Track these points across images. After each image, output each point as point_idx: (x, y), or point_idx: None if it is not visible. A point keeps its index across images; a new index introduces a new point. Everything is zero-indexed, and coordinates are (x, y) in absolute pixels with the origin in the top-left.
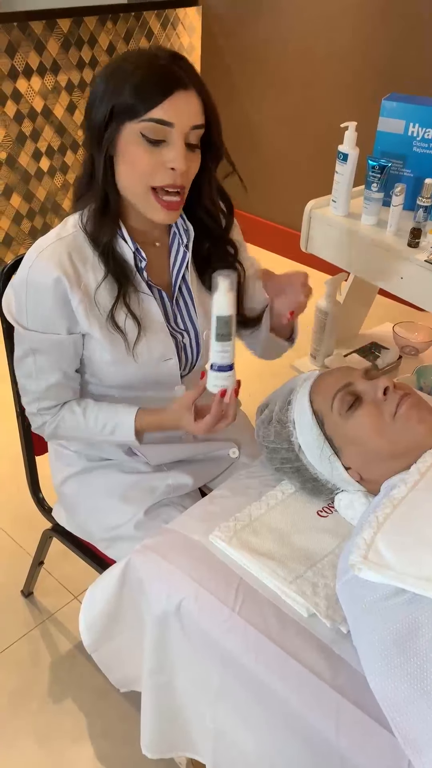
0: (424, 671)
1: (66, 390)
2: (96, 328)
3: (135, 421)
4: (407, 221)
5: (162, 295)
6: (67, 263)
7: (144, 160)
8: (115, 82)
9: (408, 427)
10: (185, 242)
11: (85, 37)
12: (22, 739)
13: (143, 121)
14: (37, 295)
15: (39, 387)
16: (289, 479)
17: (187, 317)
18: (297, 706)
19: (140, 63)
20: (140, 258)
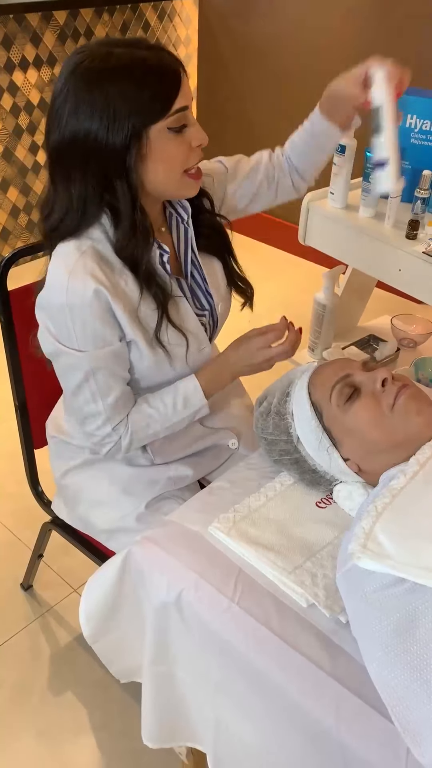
0: (424, 660)
1: (129, 399)
2: (140, 335)
3: (201, 383)
4: (405, 213)
5: (180, 283)
6: (100, 274)
7: (178, 150)
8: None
9: (406, 418)
10: (185, 219)
11: (82, 30)
12: (22, 732)
13: (169, 117)
14: (82, 314)
15: (107, 405)
16: (288, 471)
17: (203, 296)
18: (296, 696)
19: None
20: (163, 251)
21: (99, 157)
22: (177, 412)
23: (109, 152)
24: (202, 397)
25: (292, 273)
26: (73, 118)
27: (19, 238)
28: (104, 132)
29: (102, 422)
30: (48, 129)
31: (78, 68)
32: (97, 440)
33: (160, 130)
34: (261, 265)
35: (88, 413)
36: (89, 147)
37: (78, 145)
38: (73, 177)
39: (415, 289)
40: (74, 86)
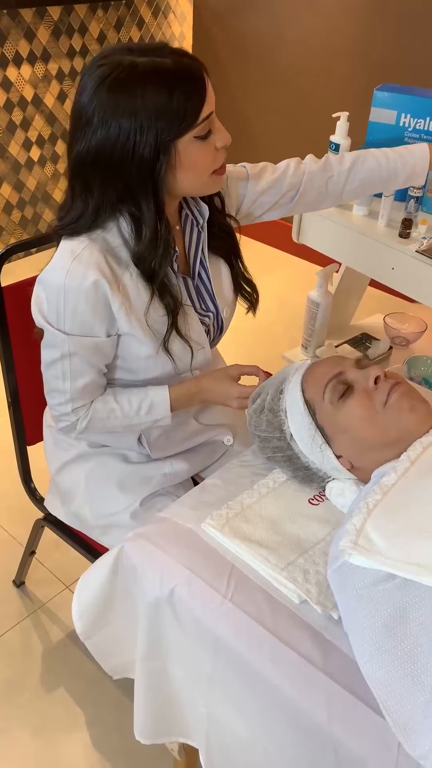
0: (414, 655)
1: (98, 387)
2: (138, 328)
3: (170, 394)
4: (399, 212)
5: (186, 282)
6: (105, 265)
7: (206, 155)
8: (148, 107)
9: (399, 415)
10: (201, 223)
11: (76, 25)
12: (15, 729)
13: (197, 126)
14: (76, 300)
15: (74, 387)
16: (281, 468)
17: (208, 298)
18: (289, 691)
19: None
20: (174, 252)
21: (124, 169)
22: (139, 416)
23: (137, 164)
24: (167, 409)
25: (286, 271)
26: (101, 130)
27: (12, 234)
28: (131, 145)
29: (65, 401)
30: (73, 139)
31: (105, 81)
32: (56, 414)
33: (187, 140)
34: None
35: (54, 388)
36: (115, 159)
37: (103, 157)
38: (92, 187)
39: (407, 287)
40: (102, 99)
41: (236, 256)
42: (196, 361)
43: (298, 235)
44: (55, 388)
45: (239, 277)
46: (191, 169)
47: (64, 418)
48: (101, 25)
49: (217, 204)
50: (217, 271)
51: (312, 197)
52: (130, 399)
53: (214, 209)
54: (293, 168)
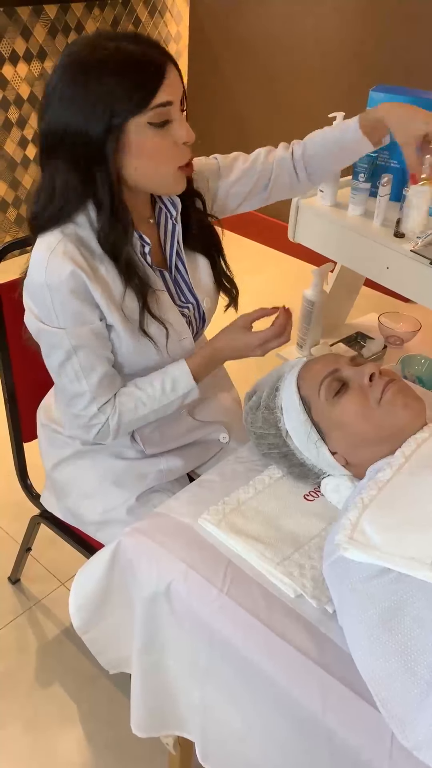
0: (408, 648)
1: (115, 379)
2: (117, 321)
3: (188, 364)
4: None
5: (164, 274)
6: (80, 258)
7: (161, 146)
8: (101, 87)
9: (393, 412)
10: (174, 215)
11: (72, 24)
12: (9, 725)
13: (149, 112)
14: (60, 292)
15: (92, 384)
16: (277, 464)
17: (186, 289)
18: (284, 684)
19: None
20: (144, 243)
21: (81, 147)
22: (165, 395)
23: (89, 143)
24: (190, 380)
25: (281, 270)
26: (58, 107)
27: (7, 232)
28: (84, 122)
29: (87, 402)
30: (38, 117)
31: (66, 59)
32: (85, 422)
33: (138, 125)
34: (250, 262)
35: (73, 393)
36: (71, 136)
37: (61, 134)
38: (58, 166)
39: (402, 286)
40: (61, 76)
41: (218, 252)
42: (174, 347)
43: (294, 234)
44: (74, 393)
45: (221, 275)
46: (145, 158)
47: (94, 422)
48: (97, 23)
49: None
50: (194, 264)
51: (285, 181)
52: (152, 382)
53: (194, 207)
54: (264, 155)
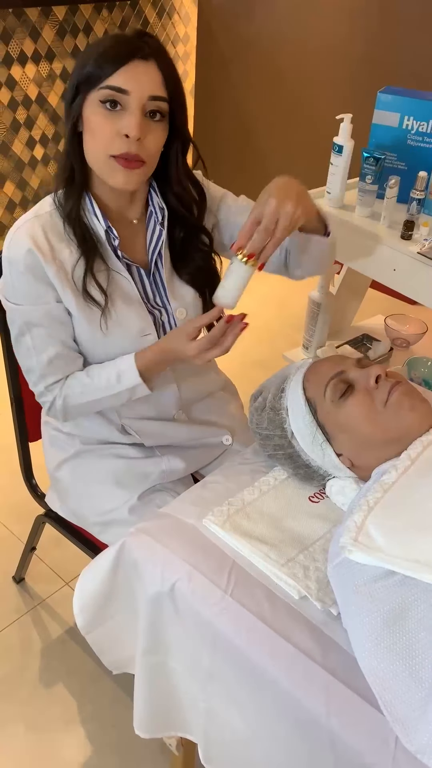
0: (412, 651)
1: (68, 362)
2: (72, 303)
3: (136, 360)
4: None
5: (140, 272)
6: (41, 238)
7: (103, 128)
8: (82, 58)
9: (399, 414)
10: (160, 220)
11: (81, 25)
12: (12, 725)
13: (101, 89)
14: (17, 269)
15: (41, 362)
16: (282, 466)
17: (164, 294)
18: (288, 686)
19: (107, 38)
20: (113, 236)
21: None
22: (111, 386)
23: (65, 99)
24: (136, 376)
25: None
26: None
27: None
28: (68, 89)
29: (36, 379)
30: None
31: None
32: (36, 395)
33: (92, 100)
34: None
35: (26, 367)
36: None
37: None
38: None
39: (409, 289)
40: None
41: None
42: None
43: None
44: (27, 368)
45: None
46: (89, 134)
47: (42, 399)
48: (106, 25)
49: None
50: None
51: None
52: (100, 372)
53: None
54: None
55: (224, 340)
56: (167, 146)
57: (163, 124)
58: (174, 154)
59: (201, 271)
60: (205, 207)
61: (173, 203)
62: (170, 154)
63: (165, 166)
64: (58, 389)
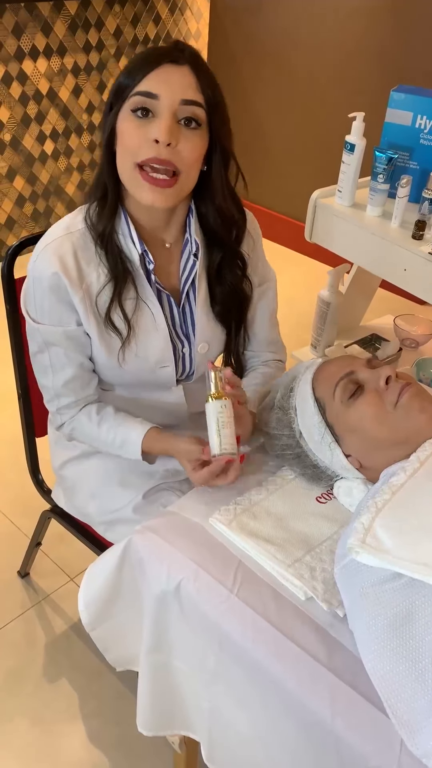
0: (419, 654)
1: (83, 384)
2: (93, 330)
3: (142, 443)
4: (412, 213)
5: (170, 299)
6: (71, 261)
7: (132, 135)
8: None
9: (409, 416)
10: (194, 251)
11: (92, 20)
12: (16, 719)
13: (131, 97)
14: (41, 286)
15: (56, 383)
16: (290, 466)
17: (190, 324)
18: (292, 687)
19: (141, 55)
20: (148, 260)
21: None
22: (114, 447)
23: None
24: (137, 453)
25: (297, 270)
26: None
27: (24, 227)
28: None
29: (50, 397)
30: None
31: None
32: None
33: (125, 111)
34: None
35: (41, 384)
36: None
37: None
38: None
39: (419, 289)
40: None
41: (237, 328)
42: (155, 372)
43: (310, 234)
44: (42, 384)
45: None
46: (120, 146)
47: (53, 416)
48: (118, 20)
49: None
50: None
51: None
52: (109, 429)
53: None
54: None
55: (226, 476)
56: (208, 161)
57: (199, 133)
58: (216, 170)
59: (233, 298)
60: (245, 229)
61: (214, 224)
62: (212, 170)
63: (205, 183)
64: (68, 417)
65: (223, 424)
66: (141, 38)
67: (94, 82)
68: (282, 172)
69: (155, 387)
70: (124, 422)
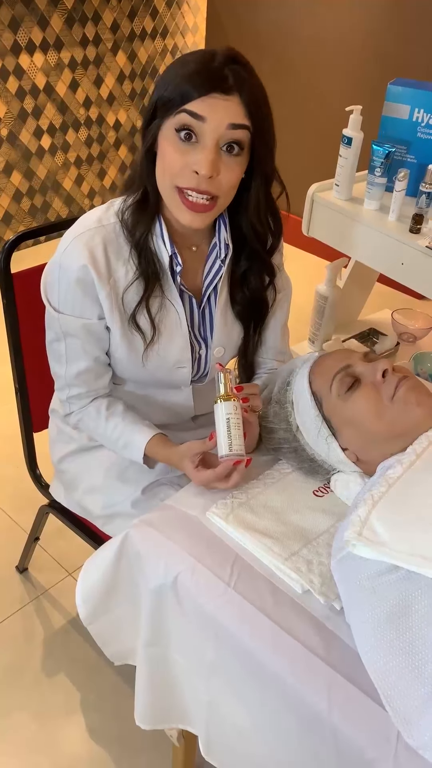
0: (415, 647)
1: (96, 377)
2: (117, 326)
3: (145, 447)
4: (410, 207)
5: (191, 301)
6: (100, 255)
7: (174, 158)
8: (166, 76)
9: (406, 409)
10: (222, 256)
11: (89, 14)
12: (15, 713)
13: (177, 114)
14: (67, 277)
15: (69, 373)
16: (287, 459)
17: (208, 327)
18: (290, 680)
19: (195, 59)
20: (176, 262)
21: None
22: (116, 446)
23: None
24: (139, 457)
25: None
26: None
27: (21, 222)
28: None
29: (61, 385)
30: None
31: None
32: (59, 399)
33: (169, 126)
34: None
35: (54, 371)
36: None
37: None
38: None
39: (417, 283)
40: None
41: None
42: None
43: (308, 228)
44: (55, 372)
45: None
46: (160, 161)
47: (65, 406)
48: (114, 14)
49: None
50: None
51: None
52: (115, 428)
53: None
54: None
55: (230, 479)
56: (247, 177)
57: (240, 159)
58: (255, 187)
59: (254, 305)
60: (280, 243)
61: (247, 233)
62: (251, 186)
63: (241, 195)
64: (77, 407)
65: (233, 425)
66: (138, 32)
67: (91, 76)
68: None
69: (168, 386)
70: (131, 424)
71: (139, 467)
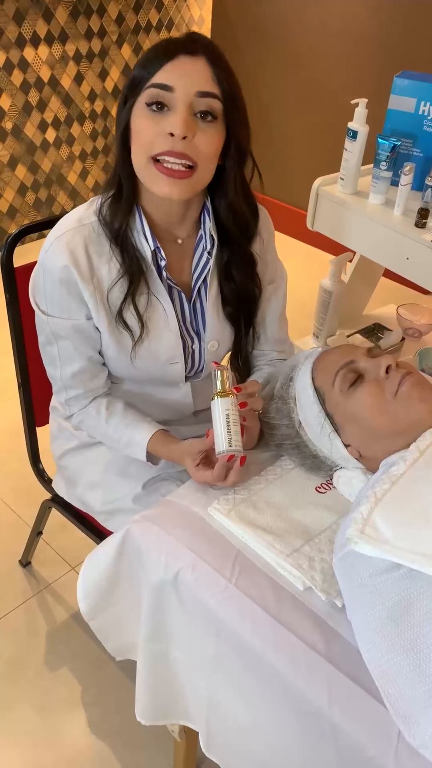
0: (417, 645)
1: (92, 376)
2: (104, 325)
3: (147, 445)
4: (415, 201)
5: (181, 295)
6: (82, 255)
7: (147, 128)
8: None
9: (409, 405)
10: (208, 248)
11: (94, 6)
12: (18, 707)
13: (146, 90)
14: (51, 280)
15: (65, 375)
16: (289, 455)
17: (200, 321)
18: (290, 677)
19: (155, 48)
20: (160, 257)
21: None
22: (119, 444)
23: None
24: (142, 455)
25: (299, 259)
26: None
27: (26, 216)
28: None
29: (58, 389)
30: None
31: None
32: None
33: (139, 105)
34: None
35: (50, 374)
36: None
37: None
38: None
39: (422, 278)
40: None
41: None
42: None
43: (312, 222)
44: (51, 375)
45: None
46: (134, 139)
47: (62, 407)
48: (120, 6)
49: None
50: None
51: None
52: (116, 427)
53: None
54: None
55: (228, 479)
56: (224, 156)
57: (215, 127)
58: (230, 166)
59: (242, 296)
60: (256, 228)
61: (225, 220)
62: (226, 166)
63: (220, 179)
64: (77, 409)
65: (232, 421)
66: (143, 25)
67: (96, 69)
68: (284, 160)
69: (164, 383)
70: (132, 422)
71: (140, 463)
